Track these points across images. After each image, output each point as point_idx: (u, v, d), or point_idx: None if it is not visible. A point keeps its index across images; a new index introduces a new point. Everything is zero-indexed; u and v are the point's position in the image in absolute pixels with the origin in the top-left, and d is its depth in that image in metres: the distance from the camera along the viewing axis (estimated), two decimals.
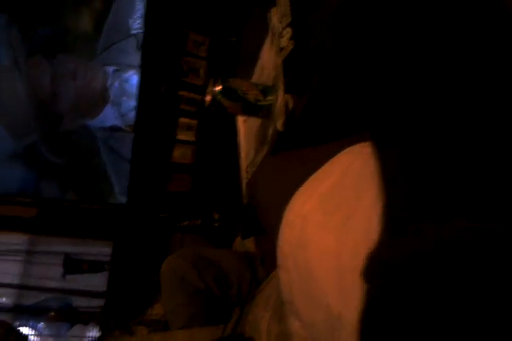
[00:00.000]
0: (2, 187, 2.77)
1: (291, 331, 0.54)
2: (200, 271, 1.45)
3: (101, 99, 2.77)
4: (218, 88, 1.16)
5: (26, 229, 3.13)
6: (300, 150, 0.83)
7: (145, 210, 2.90)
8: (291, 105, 1.09)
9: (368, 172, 0.48)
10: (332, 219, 0.49)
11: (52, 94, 2.69)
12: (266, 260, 1.48)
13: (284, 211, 0.56)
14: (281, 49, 1.09)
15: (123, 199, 2.93)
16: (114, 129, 2.81)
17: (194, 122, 2.75)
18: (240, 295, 1.39)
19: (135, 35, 2.66)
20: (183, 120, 2.75)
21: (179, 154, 2.82)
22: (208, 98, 1.18)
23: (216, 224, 2.91)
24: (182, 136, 2.78)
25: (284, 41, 1.08)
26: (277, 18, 1.13)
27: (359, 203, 0.47)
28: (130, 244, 2.93)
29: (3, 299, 3.14)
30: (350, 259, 0.45)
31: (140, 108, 2.71)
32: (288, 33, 1.08)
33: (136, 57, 2.66)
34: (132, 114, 2.76)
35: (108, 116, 2.79)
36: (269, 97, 1.20)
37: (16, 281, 3.15)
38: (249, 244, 2.27)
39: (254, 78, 1.47)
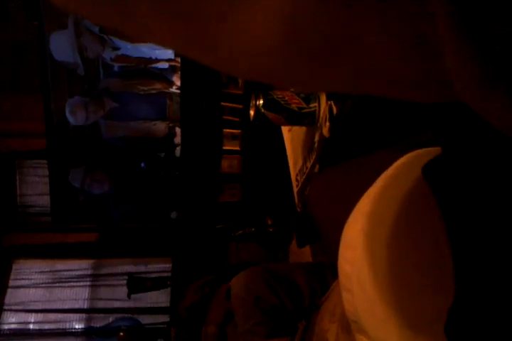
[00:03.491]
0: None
1: None
2: (273, 287, 1.43)
3: None
4: (261, 102, 1.16)
5: (88, 254, 3.24)
6: (352, 161, 0.82)
7: (199, 223, 2.94)
8: (335, 111, 1.07)
9: (421, 188, 0.46)
10: (390, 239, 0.47)
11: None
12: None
13: (343, 230, 0.54)
14: None
15: (177, 215, 2.98)
16: None
17: (238, 131, 2.76)
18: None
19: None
20: (228, 130, 2.76)
21: (227, 165, 2.83)
22: (252, 113, 1.18)
23: (270, 230, 2.90)
24: (228, 146, 2.79)
25: None
26: None
27: (416, 223, 0.45)
28: (188, 257, 2.97)
29: (75, 324, 3.25)
30: (418, 277, 0.44)
31: (184, 123, 2.75)
32: None
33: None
34: None
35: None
36: (312, 104, 1.19)
37: (84, 306, 3.25)
38: (305, 250, 2.26)
39: None
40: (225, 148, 2.78)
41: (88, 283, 3.26)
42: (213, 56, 0.26)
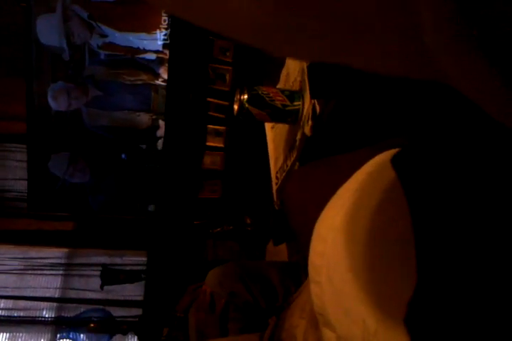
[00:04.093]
0: None
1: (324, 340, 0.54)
2: (247, 284, 1.44)
3: None
4: (245, 97, 1.16)
5: (63, 243, 3.20)
6: (330, 158, 0.82)
7: (177, 218, 2.92)
8: (318, 110, 1.08)
9: (395, 184, 0.47)
10: (363, 232, 0.47)
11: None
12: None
13: (315, 223, 0.55)
14: None
15: (155, 208, 2.96)
16: None
17: (223, 128, 2.75)
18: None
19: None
20: (212, 127, 2.76)
21: (209, 161, 2.83)
22: (236, 107, 1.18)
23: (249, 229, 2.91)
24: (212, 143, 2.79)
25: None
26: None
27: (388, 218, 0.45)
28: (164, 252, 2.96)
29: (45, 312, 3.21)
30: (383, 273, 0.44)
31: (169, 116, 2.74)
32: None
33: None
34: None
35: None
36: (296, 102, 1.19)
37: (56, 295, 3.22)
38: (281, 249, 2.27)
39: (280, 83, 1.46)
40: (208, 144, 2.78)
41: (61, 272, 3.23)
42: (204, 16, 0.26)
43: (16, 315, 3.17)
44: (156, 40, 2.63)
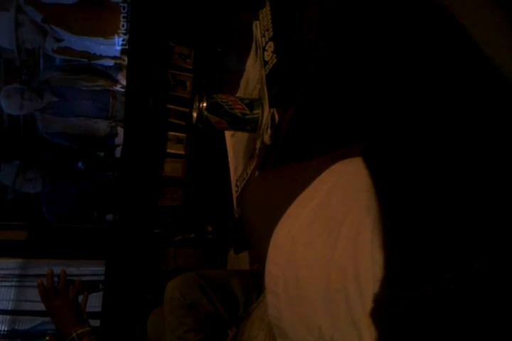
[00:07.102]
0: None
1: None
2: (208, 294, 1.42)
3: None
4: (204, 104, 1.15)
5: (17, 252, 3.08)
6: (289, 166, 0.82)
7: (137, 226, 2.88)
8: (277, 119, 1.08)
9: (352, 191, 0.47)
10: (319, 240, 0.47)
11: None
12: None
13: (273, 232, 0.54)
14: (265, 63, 1.09)
15: (114, 217, 2.90)
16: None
17: (183, 135, 2.73)
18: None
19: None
20: (173, 133, 2.73)
21: (170, 168, 2.80)
22: (195, 115, 1.17)
23: (210, 236, 2.89)
24: (172, 150, 2.76)
25: (268, 55, 1.08)
26: (260, 31, 1.13)
27: (345, 224, 0.45)
28: (123, 261, 2.90)
29: None
30: (338, 281, 0.44)
31: (128, 123, 2.70)
32: (271, 47, 1.07)
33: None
34: None
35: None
36: (256, 111, 1.19)
37: (9, 307, 3.09)
38: (243, 257, 2.26)
39: (240, 91, 1.46)
40: (168, 151, 2.75)
41: (14, 284, 3.11)
42: None
43: None
44: (114, 45, 2.60)
